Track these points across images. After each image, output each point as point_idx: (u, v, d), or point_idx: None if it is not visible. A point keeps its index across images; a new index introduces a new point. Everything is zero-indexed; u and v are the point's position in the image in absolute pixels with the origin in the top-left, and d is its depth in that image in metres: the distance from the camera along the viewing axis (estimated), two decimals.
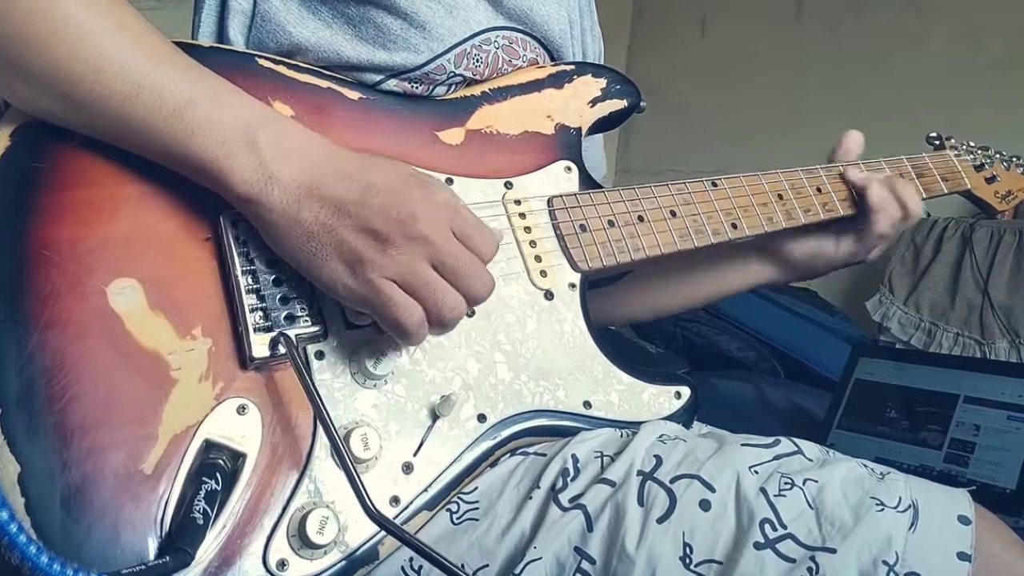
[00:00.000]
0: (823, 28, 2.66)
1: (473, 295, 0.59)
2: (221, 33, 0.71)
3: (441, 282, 0.57)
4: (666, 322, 2.09)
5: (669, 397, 0.73)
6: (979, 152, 1.02)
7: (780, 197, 0.84)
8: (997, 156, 1.04)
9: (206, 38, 0.71)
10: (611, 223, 0.75)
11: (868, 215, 0.86)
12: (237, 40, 0.70)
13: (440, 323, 0.58)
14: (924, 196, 0.94)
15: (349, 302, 0.58)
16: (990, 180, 1.01)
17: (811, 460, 0.63)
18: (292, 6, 0.70)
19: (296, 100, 0.67)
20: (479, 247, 0.59)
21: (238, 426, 0.56)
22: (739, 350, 2.02)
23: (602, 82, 0.83)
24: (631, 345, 2.01)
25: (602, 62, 0.90)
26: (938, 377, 1.36)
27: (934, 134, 1.02)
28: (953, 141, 1.01)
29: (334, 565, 0.56)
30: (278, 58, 0.69)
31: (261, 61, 0.67)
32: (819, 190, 0.86)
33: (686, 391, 0.74)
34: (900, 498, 0.58)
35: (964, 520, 0.57)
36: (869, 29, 2.54)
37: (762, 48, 2.80)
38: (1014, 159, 1.05)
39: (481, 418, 0.64)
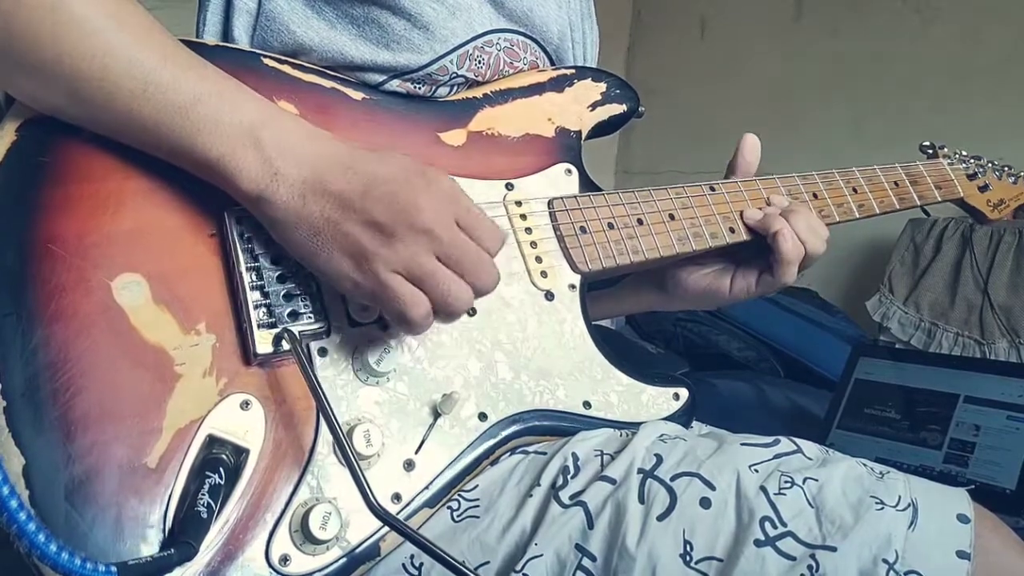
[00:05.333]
0: (823, 28, 2.66)
1: (479, 285, 0.59)
2: (226, 32, 0.71)
3: (447, 272, 0.57)
4: (666, 322, 2.09)
5: (667, 398, 0.73)
6: (971, 161, 1.03)
7: None
8: (989, 165, 1.05)
9: (211, 37, 0.72)
10: (611, 225, 0.76)
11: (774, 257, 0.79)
12: (242, 39, 0.71)
13: (448, 313, 0.58)
14: (918, 204, 0.95)
15: (356, 296, 0.59)
16: (983, 189, 1.03)
17: (811, 459, 0.63)
18: (297, 6, 0.70)
19: (300, 99, 0.67)
20: (483, 239, 0.59)
21: (241, 421, 0.56)
22: (739, 350, 2.03)
23: (602, 86, 0.83)
24: (631, 346, 2.02)
25: (596, 66, 0.91)
26: (938, 377, 1.37)
27: (927, 143, 1.03)
28: (946, 150, 1.03)
29: (336, 561, 0.56)
30: (283, 58, 0.69)
31: (266, 60, 0.68)
32: (815, 196, 0.87)
33: (684, 393, 0.74)
34: (899, 497, 0.58)
35: (963, 519, 0.58)
36: (869, 29, 2.54)
37: (762, 49, 2.80)
38: (1006, 168, 1.07)
39: (482, 416, 0.65)
